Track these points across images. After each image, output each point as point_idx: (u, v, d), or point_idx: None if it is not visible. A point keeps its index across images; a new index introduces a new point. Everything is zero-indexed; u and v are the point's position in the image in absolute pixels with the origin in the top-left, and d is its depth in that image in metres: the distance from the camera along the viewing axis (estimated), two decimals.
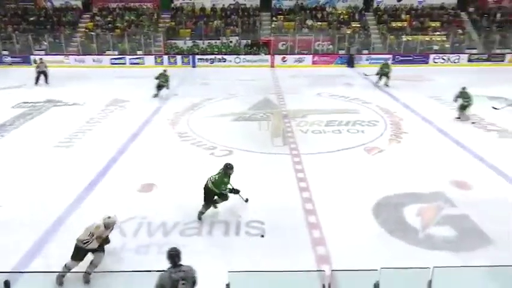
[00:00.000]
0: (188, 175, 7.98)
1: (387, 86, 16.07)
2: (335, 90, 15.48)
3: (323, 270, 4.94)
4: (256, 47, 21.98)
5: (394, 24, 23.25)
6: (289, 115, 12.28)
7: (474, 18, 23.63)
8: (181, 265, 3.89)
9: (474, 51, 21.89)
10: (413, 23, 23.20)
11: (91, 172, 8.20)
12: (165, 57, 21.46)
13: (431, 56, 21.53)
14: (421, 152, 9.23)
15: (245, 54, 21.64)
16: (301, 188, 7.58)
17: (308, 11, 24.01)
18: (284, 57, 21.52)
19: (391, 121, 11.54)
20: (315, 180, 7.84)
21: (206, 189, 6.35)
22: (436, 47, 22.02)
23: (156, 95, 14.18)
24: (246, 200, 6.72)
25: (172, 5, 24.57)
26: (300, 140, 10.12)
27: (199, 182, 6.51)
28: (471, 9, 24.10)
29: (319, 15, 23.75)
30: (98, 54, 21.59)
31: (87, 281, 4.93)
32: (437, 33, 22.59)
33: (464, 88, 11.78)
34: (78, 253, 4.99)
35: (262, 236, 6.02)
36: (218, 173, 6.43)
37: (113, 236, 5.52)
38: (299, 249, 5.74)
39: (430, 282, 2.81)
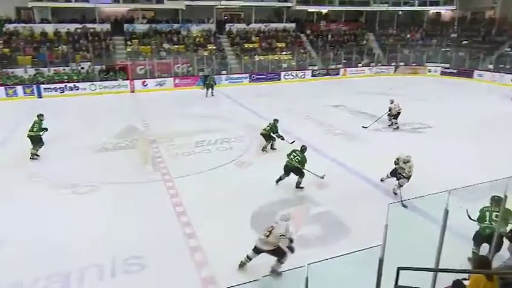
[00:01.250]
0: (43, 222, 6.95)
1: (212, 95, 18.63)
2: (200, 111, 15.74)
3: None
4: (113, 72, 20.85)
5: (246, 45, 25.11)
6: (156, 140, 11.93)
7: (311, 39, 27.33)
8: None
9: (315, 67, 25.24)
10: (263, 44, 25.50)
11: None
12: (1, 88, 18.47)
13: (282, 73, 23.94)
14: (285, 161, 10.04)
15: (101, 81, 20.27)
16: (178, 212, 7.39)
17: (163, 35, 24.01)
18: (144, 82, 20.94)
19: (256, 135, 12.28)
20: (191, 203, 7.75)
21: (290, 166, 8.24)
22: (284, 65, 24.60)
23: None
24: (323, 177, 8.29)
25: (5, 29, 21.45)
26: (171, 164, 9.91)
27: (56, 227, 5.72)
28: (308, 32, 27.84)
29: (175, 39, 23.98)
30: None
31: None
32: (284, 52, 25.31)
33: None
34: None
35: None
36: (299, 155, 8.30)
37: None
38: (183, 276, 5.56)
39: (306, 279, 3.05)
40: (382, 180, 8.56)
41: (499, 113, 15.22)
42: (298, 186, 8.34)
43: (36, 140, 10.07)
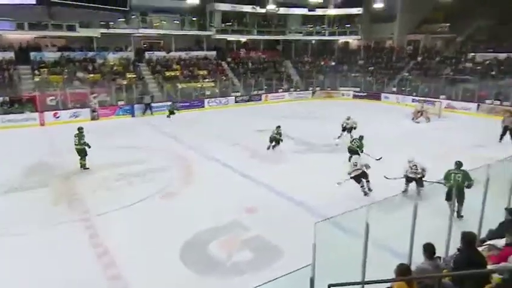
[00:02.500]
0: None
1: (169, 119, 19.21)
2: (121, 142, 14.99)
3: None
4: (19, 105, 19.00)
5: (168, 73, 24.84)
6: (71, 175, 11.00)
7: (232, 66, 28.03)
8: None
9: (238, 93, 25.80)
10: (185, 71, 25.46)
11: None
12: None
13: (206, 100, 24.01)
14: (213, 189, 9.93)
15: (4, 114, 18.32)
16: (99, 253, 6.81)
17: (77, 63, 22.72)
18: (56, 113, 19.40)
19: (181, 165, 12.00)
20: (114, 241, 7.21)
21: (352, 148, 11.06)
22: (208, 92, 24.75)
23: None
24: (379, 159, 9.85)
25: None
26: (90, 201, 9.18)
27: None
28: (229, 59, 28.54)
29: (90, 67, 22.82)
30: None
31: None
32: (207, 80, 25.52)
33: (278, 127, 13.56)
34: None
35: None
36: (358, 141, 11.09)
37: None
38: None
39: None
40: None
41: (409, 130, 16.91)
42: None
43: None
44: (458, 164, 7.99)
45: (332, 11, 31.22)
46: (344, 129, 14.83)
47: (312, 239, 3.75)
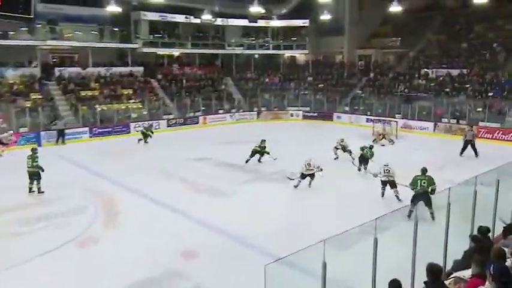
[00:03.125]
0: None
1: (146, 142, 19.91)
2: (23, 178, 13.98)
3: None
4: None
5: (83, 93, 24.00)
6: None
7: (164, 84, 27.85)
8: None
9: (171, 116, 25.57)
10: (105, 91, 24.78)
11: None
12: None
13: (132, 125, 23.44)
14: (142, 231, 9.60)
15: None
16: None
17: None
18: None
19: (102, 203, 11.48)
20: None
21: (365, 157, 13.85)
22: (134, 115, 24.21)
23: None
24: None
25: None
26: None
27: None
28: (159, 76, 28.35)
29: None
30: None
31: None
32: (132, 100, 25.02)
33: None
34: None
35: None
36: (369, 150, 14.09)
37: None
38: None
39: None
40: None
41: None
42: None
43: None
44: (424, 170, 10.26)
45: (276, 23, 32.60)
46: (338, 149, 16.63)
47: (263, 283, 3.71)
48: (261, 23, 32.15)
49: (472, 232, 6.43)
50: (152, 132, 20.92)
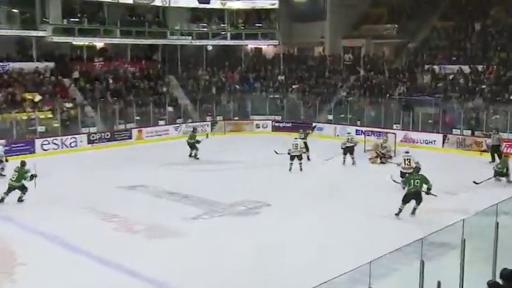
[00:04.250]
0: None
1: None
2: None
3: None
4: None
5: None
6: None
7: (83, 86, 27.48)
8: None
9: (93, 129, 25.19)
10: (0, 94, 24.20)
11: None
12: None
13: (38, 142, 22.91)
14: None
15: None
16: None
17: None
18: None
19: None
20: None
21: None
22: (41, 129, 23.71)
23: None
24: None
25: None
26: None
27: None
28: (76, 75, 27.91)
29: None
30: None
31: None
32: (39, 109, 24.45)
33: None
34: None
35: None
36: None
37: None
38: None
39: None
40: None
41: (345, 176, 18.02)
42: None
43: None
44: (417, 169, 13.40)
45: (235, 4, 32.94)
46: (346, 151, 19.68)
47: None
48: (215, 3, 32.40)
49: (494, 276, 6.61)
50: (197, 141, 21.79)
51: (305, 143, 20.29)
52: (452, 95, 25.86)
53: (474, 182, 15.60)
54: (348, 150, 19.62)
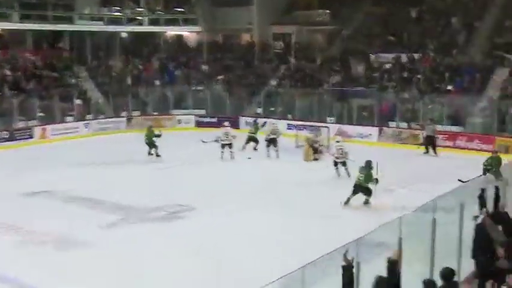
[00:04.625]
0: None
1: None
2: None
3: None
4: None
5: None
6: None
7: None
8: None
9: None
10: None
11: None
12: None
13: None
14: None
15: None
16: None
17: None
18: None
19: None
20: None
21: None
22: None
23: None
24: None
25: None
26: None
27: None
28: None
29: None
30: None
31: None
32: None
33: None
34: None
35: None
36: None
37: None
38: None
39: None
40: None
41: (276, 175, 18.22)
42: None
43: None
44: (366, 164, 14.24)
45: None
46: (269, 143, 20.96)
47: None
48: None
49: (431, 275, 6.89)
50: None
51: (253, 136, 21.90)
52: (388, 85, 26.77)
53: (459, 180, 15.70)
54: (271, 142, 20.81)
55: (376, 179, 14.02)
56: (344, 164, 17.31)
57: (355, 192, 14.13)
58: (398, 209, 11.97)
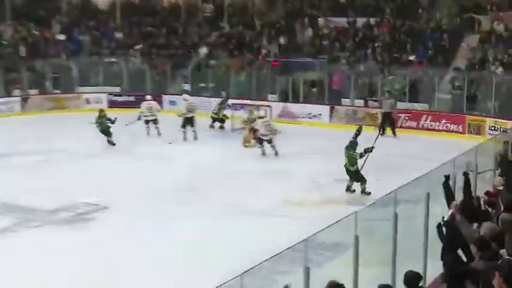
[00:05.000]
0: None
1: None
2: None
3: None
4: None
5: None
6: None
7: None
8: None
9: None
10: None
11: None
12: None
13: None
14: None
15: None
16: None
17: None
18: None
19: None
20: None
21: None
22: None
23: None
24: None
25: None
26: None
27: None
28: None
29: None
30: None
31: None
32: None
33: None
34: None
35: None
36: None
37: None
38: None
39: None
40: None
41: (208, 165, 18.21)
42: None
43: None
44: (350, 143, 14.65)
45: None
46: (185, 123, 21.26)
47: None
48: None
49: (393, 278, 7.01)
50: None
51: (222, 118, 23.34)
52: (340, 55, 27.01)
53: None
54: (188, 121, 21.20)
55: (360, 154, 14.42)
56: (270, 141, 18.59)
57: (350, 176, 14.65)
58: (354, 203, 12.17)
